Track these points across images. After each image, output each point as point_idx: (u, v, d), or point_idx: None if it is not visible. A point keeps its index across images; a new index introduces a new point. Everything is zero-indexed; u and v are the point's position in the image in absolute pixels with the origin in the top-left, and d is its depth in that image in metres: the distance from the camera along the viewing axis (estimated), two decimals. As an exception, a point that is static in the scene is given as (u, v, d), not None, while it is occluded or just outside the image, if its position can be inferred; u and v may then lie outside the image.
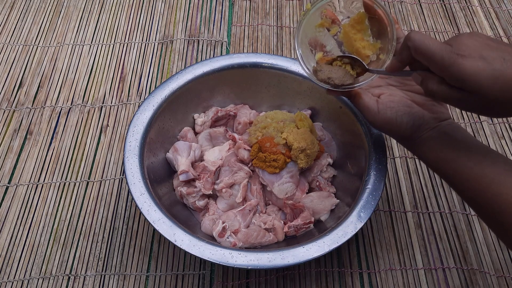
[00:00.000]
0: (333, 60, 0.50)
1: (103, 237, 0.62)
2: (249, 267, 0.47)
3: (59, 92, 0.77)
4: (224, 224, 0.55)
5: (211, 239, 0.54)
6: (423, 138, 0.48)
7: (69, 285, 0.58)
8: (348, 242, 0.58)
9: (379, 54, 0.48)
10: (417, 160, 0.71)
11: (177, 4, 0.91)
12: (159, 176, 0.59)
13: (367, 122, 0.50)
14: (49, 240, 0.62)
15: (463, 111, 0.77)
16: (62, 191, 0.66)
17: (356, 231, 0.50)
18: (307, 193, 0.60)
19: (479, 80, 0.37)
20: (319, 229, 0.57)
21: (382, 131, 0.52)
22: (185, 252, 0.60)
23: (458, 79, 0.38)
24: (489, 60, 0.37)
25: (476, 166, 0.43)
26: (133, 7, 0.90)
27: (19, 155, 0.69)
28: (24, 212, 0.64)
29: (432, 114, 0.48)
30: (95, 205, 0.65)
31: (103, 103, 0.76)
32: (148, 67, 0.81)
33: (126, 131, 0.66)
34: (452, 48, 0.38)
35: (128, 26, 0.87)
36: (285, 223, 0.58)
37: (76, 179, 0.67)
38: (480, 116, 0.77)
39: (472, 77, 0.37)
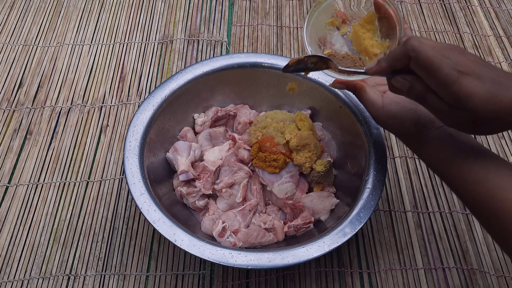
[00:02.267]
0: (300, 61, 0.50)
1: (103, 237, 0.62)
2: (249, 267, 0.47)
3: (59, 92, 0.77)
4: (224, 224, 0.55)
5: (211, 239, 0.54)
6: (427, 138, 0.47)
7: (69, 285, 0.58)
8: (348, 242, 0.58)
9: (387, 52, 0.48)
10: (417, 160, 0.71)
11: (177, 4, 0.91)
12: (159, 176, 0.59)
13: (371, 116, 0.50)
14: (49, 240, 0.62)
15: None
16: (62, 191, 0.66)
17: (356, 231, 0.50)
18: (307, 193, 0.60)
19: (474, 100, 0.37)
20: (319, 229, 0.57)
21: (385, 127, 0.50)
22: (185, 252, 0.61)
23: (455, 98, 0.37)
24: (483, 79, 0.37)
25: (482, 169, 0.42)
26: (133, 7, 0.90)
27: (19, 155, 0.69)
28: (24, 212, 0.64)
29: None
30: (95, 205, 0.65)
31: (103, 103, 0.76)
32: (148, 67, 0.81)
33: (126, 131, 0.66)
34: (452, 62, 0.37)
35: (128, 26, 0.87)
36: (285, 223, 0.58)
37: (76, 179, 0.67)
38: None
39: (468, 98, 0.37)
